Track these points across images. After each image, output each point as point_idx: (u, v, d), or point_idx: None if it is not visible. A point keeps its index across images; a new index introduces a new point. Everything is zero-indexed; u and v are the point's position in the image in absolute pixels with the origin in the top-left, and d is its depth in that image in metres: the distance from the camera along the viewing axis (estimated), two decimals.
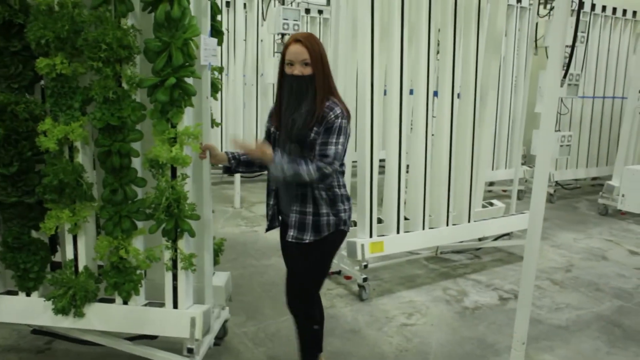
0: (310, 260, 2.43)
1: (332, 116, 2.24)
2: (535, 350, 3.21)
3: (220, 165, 2.59)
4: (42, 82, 2.58)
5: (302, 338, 2.62)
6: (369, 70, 3.74)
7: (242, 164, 2.52)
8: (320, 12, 7.70)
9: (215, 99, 2.74)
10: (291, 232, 2.36)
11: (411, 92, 4.09)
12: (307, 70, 2.24)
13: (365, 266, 3.87)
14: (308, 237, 2.34)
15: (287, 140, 2.32)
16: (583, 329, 3.53)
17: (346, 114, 2.29)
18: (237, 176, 6.22)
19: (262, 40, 7.21)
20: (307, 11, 7.52)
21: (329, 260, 2.51)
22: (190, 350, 2.56)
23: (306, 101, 2.25)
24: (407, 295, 3.97)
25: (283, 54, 2.28)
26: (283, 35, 6.16)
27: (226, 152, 2.53)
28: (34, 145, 2.46)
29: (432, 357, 3.12)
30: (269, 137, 2.45)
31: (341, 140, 2.25)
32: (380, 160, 4.02)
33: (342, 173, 2.42)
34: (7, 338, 3.13)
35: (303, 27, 7.36)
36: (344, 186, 2.43)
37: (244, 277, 4.16)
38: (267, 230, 2.56)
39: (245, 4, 6.78)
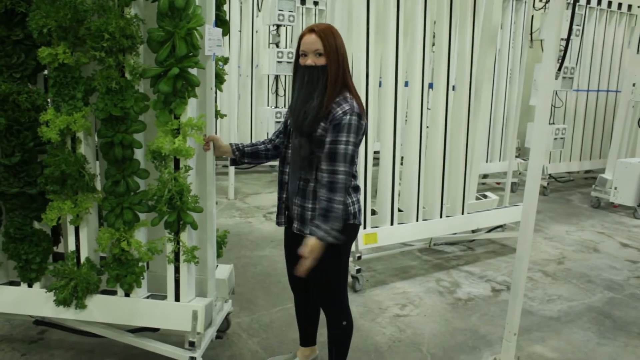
0: (320, 257, 2.29)
1: (340, 112, 2.13)
2: (526, 341, 3.26)
3: (224, 157, 2.57)
4: (46, 71, 2.54)
5: (329, 334, 2.52)
6: (364, 62, 3.74)
7: (247, 155, 2.50)
8: (315, 3, 7.65)
9: (220, 90, 2.72)
10: (295, 225, 2.33)
11: (406, 84, 4.09)
12: (320, 61, 2.15)
13: (359, 257, 3.90)
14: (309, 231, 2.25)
15: (298, 134, 2.25)
16: (574, 320, 3.58)
17: (357, 111, 2.16)
18: (232, 167, 6.20)
19: (257, 31, 7.18)
20: (303, 2, 7.45)
21: (341, 256, 2.37)
22: (191, 344, 2.54)
23: (317, 93, 2.16)
24: (401, 286, 4.00)
25: (298, 45, 2.22)
26: (278, 26, 6.15)
27: (230, 144, 2.51)
28: (36, 135, 2.44)
29: (424, 347, 3.16)
30: (285, 129, 2.40)
31: (352, 138, 2.12)
32: (375, 152, 4.03)
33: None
34: (0, 329, 3.12)
35: (298, 19, 7.32)
36: (353, 176, 2.31)
37: (238, 268, 4.15)
38: (278, 223, 2.47)
39: None
